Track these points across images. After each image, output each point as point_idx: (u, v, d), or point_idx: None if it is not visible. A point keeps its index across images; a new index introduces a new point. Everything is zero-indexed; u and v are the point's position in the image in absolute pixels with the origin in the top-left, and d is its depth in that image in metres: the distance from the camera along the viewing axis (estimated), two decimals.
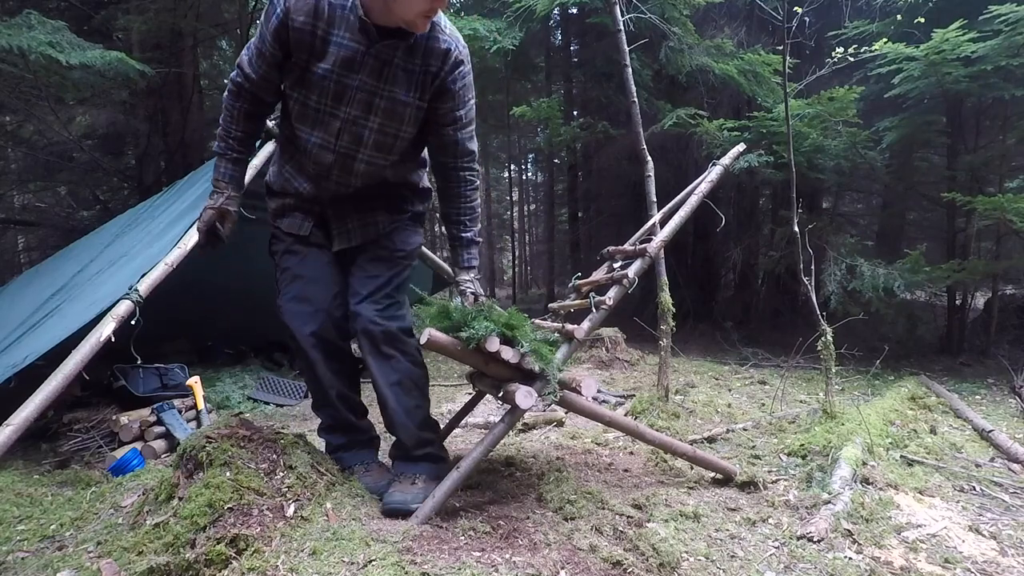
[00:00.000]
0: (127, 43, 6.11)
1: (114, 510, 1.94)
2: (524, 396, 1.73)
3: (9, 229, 8.16)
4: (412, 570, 1.35)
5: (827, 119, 5.57)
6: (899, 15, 4.80)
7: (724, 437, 2.77)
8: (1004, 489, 2.20)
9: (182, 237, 2.04)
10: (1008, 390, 4.13)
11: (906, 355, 5.53)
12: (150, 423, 2.70)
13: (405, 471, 1.81)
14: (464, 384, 4.10)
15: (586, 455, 2.48)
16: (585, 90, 8.99)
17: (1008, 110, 5.38)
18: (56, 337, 2.09)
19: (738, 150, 2.59)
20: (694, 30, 6.24)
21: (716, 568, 1.54)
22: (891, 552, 1.64)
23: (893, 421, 2.98)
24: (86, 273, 2.79)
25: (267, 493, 1.55)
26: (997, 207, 4.56)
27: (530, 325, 1.83)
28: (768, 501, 1.97)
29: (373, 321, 1.75)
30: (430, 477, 1.78)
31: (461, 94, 1.75)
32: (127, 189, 7.28)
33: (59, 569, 1.51)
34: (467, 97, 1.77)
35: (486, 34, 6.32)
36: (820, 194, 7.84)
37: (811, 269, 3.07)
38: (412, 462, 1.83)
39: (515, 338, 1.76)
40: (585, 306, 2.05)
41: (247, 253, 3.67)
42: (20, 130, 6.99)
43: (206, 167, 3.06)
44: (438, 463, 1.87)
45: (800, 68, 5.23)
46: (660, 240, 2.20)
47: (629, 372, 4.78)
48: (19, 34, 3.73)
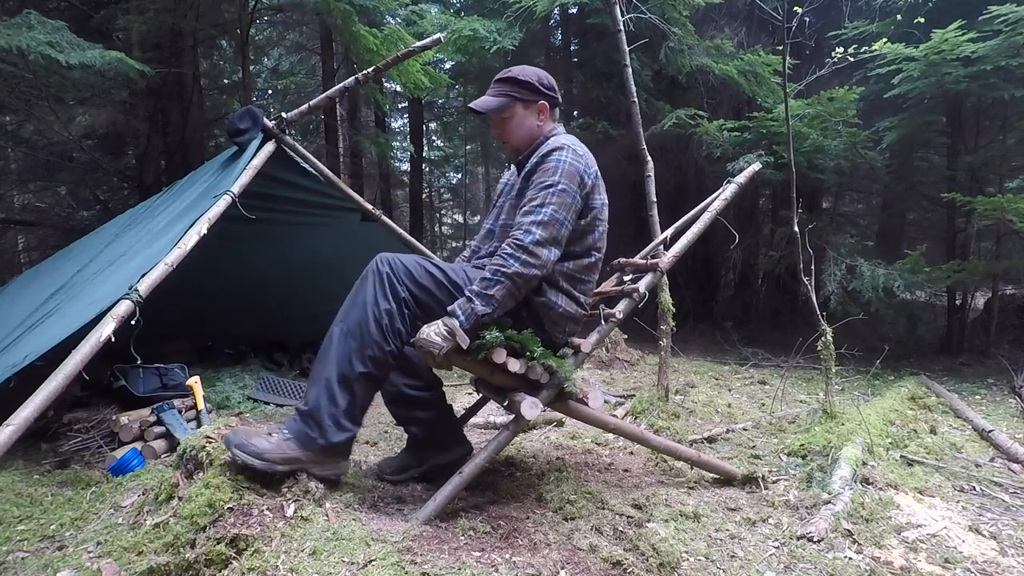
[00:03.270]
0: (127, 43, 6.10)
1: (114, 510, 1.94)
2: (530, 407, 1.73)
3: (9, 229, 8.15)
4: (412, 570, 1.35)
5: (827, 119, 5.57)
6: (899, 15, 4.79)
7: (724, 437, 2.77)
8: (1004, 489, 2.20)
9: (182, 237, 2.04)
10: (1008, 390, 4.13)
11: (906, 355, 5.53)
12: (150, 423, 2.69)
13: (282, 424, 1.71)
14: (464, 384, 4.10)
15: (586, 455, 2.48)
16: (585, 90, 8.99)
17: (1008, 110, 5.38)
18: (56, 337, 2.08)
19: (753, 168, 2.59)
20: (694, 30, 6.24)
21: (716, 568, 1.54)
22: (891, 552, 1.64)
23: (893, 421, 2.98)
24: (86, 273, 2.79)
25: (267, 493, 1.55)
26: (997, 207, 4.56)
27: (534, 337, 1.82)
28: (768, 501, 1.97)
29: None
30: (294, 436, 1.63)
31: (536, 179, 1.83)
32: (127, 189, 7.27)
33: (59, 569, 1.51)
34: (540, 179, 1.82)
35: (486, 34, 6.32)
36: (820, 194, 7.84)
37: (811, 269, 3.07)
38: (291, 418, 1.70)
39: (524, 350, 1.76)
40: (594, 317, 2.05)
41: (247, 253, 3.69)
42: (20, 130, 6.97)
43: (206, 167, 3.06)
44: (309, 426, 1.64)
45: (800, 68, 5.23)
46: (672, 256, 2.21)
47: (629, 372, 4.78)
48: (19, 34, 3.72)
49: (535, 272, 1.73)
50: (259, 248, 3.67)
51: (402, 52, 2.71)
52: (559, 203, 1.77)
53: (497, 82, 1.99)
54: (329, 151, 8.26)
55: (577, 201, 1.82)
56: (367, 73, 2.61)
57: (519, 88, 1.95)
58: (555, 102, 2.01)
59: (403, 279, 1.73)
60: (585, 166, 1.86)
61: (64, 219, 7.66)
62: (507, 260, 1.71)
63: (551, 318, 1.88)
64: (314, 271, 3.87)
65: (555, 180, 1.79)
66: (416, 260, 1.78)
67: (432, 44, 2.78)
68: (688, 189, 7.42)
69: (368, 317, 1.67)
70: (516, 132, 1.98)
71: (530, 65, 2.07)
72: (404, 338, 1.74)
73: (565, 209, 1.78)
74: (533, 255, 1.72)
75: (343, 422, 1.66)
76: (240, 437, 1.60)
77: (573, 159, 1.82)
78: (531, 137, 1.97)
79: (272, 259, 3.82)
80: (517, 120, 1.96)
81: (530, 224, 1.74)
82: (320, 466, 1.66)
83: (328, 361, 1.67)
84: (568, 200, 1.79)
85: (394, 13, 6.77)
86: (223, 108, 8.04)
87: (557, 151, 1.83)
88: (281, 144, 2.58)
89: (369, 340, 1.67)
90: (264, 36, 8.84)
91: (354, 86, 2.68)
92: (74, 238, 4.48)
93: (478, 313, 1.68)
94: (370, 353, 1.66)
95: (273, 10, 7.28)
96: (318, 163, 2.82)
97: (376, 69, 2.65)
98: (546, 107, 1.98)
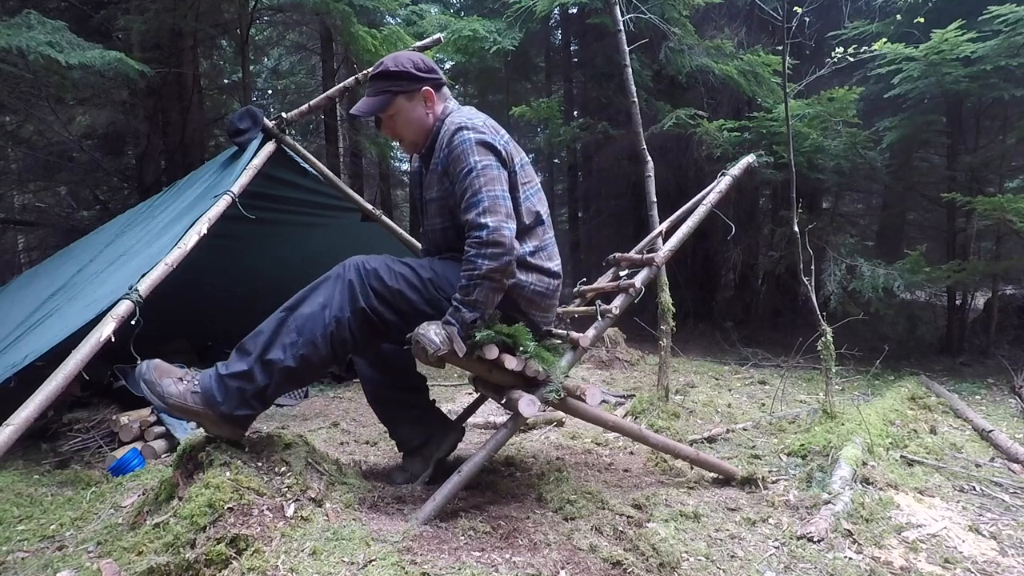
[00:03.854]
0: (127, 43, 6.10)
1: (114, 510, 1.94)
2: (527, 404, 1.73)
3: (9, 229, 8.16)
4: (412, 570, 1.35)
5: (827, 119, 5.57)
6: (899, 15, 4.79)
7: (724, 437, 2.77)
8: (1004, 489, 2.20)
9: (182, 237, 2.04)
10: (1008, 390, 4.13)
11: (906, 355, 5.53)
12: (150, 423, 2.70)
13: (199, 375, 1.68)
14: (464, 384, 4.10)
15: (586, 455, 2.48)
16: (585, 90, 9.00)
17: (1008, 110, 5.38)
18: (56, 337, 2.09)
19: (748, 160, 2.58)
20: (694, 30, 6.24)
21: (716, 568, 1.54)
22: (891, 552, 1.64)
23: (893, 421, 2.97)
24: (86, 273, 2.79)
25: (267, 493, 1.55)
26: (997, 207, 4.56)
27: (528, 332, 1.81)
28: (768, 501, 1.97)
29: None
30: (201, 391, 1.60)
31: (454, 170, 1.76)
32: (127, 189, 7.27)
33: (59, 569, 1.51)
34: (458, 169, 1.74)
35: (486, 34, 6.32)
36: (820, 194, 7.84)
37: (811, 269, 3.07)
38: (208, 373, 1.67)
39: (516, 345, 1.76)
40: (590, 313, 2.05)
41: (247, 253, 3.69)
42: (20, 130, 6.98)
43: (206, 167, 3.06)
44: (218, 390, 1.61)
45: (800, 68, 5.23)
46: (668, 250, 2.20)
47: (629, 372, 4.78)
48: (19, 34, 3.73)
49: (506, 259, 1.69)
50: (259, 248, 3.67)
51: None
52: (488, 180, 1.71)
53: (372, 80, 1.88)
54: (329, 151, 8.26)
55: (502, 171, 1.76)
56: (367, 73, 2.60)
57: (396, 81, 1.83)
58: (438, 83, 1.89)
59: (370, 288, 1.69)
60: (492, 136, 1.78)
61: (64, 219, 7.67)
62: (475, 262, 1.67)
63: (525, 298, 1.85)
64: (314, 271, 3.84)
65: (472, 162, 1.72)
66: (386, 263, 1.74)
67: (432, 44, 2.78)
68: (688, 189, 7.40)
69: (317, 319, 1.65)
70: (407, 128, 1.88)
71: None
72: (349, 347, 1.72)
73: (497, 183, 1.72)
74: (496, 244, 1.67)
75: (251, 400, 1.64)
76: (153, 374, 1.61)
77: (477, 134, 1.74)
78: (424, 127, 1.87)
79: (272, 259, 3.82)
80: (404, 115, 1.86)
81: (475, 217, 1.69)
82: (215, 427, 1.65)
83: (261, 339, 1.65)
84: (494, 173, 1.73)
85: (394, 13, 6.77)
86: (223, 108, 8.04)
87: (458, 132, 1.75)
88: (281, 144, 2.58)
89: (308, 339, 1.64)
90: (264, 36, 8.84)
91: (354, 86, 2.68)
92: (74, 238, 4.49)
93: (468, 320, 1.68)
94: (303, 352, 1.63)
95: (273, 10, 7.28)
96: (318, 163, 2.82)
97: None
98: (430, 92, 1.86)
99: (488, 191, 1.70)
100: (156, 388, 1.59)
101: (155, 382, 1.60)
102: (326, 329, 1.65)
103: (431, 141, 1.87)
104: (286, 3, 6.86)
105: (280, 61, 10.30)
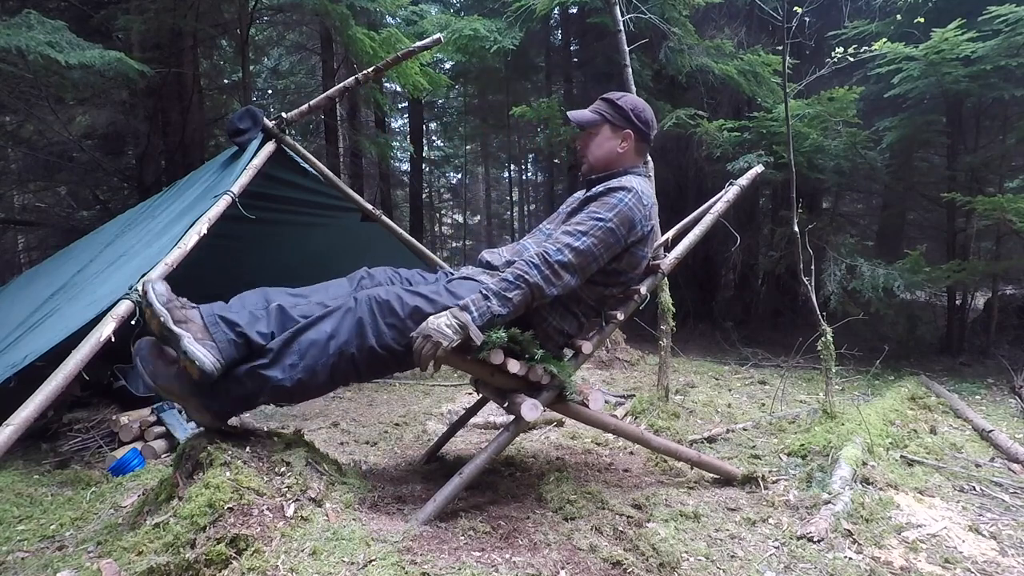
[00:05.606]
0: (127, 43, 6.10)
1: (114, 510, 1.94)
2: (530, 408, 1.73)
3: (9, 229, 8.15)
4: (412, 570, 1.35)
5: (827, 119, 5.57)
6: (899, 15, 4.79)
7: (724, 437, 2.77)
8: (1004, 489, 2.20)
9: (182, 237, 2.04)
10: (1008, 390, 4.13)
11: (906, 355, 5.53)
12: (150, 423, 2.70)
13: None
14: (464, 384, 4.10)
15: (586, 455, 2.48)
16: (585, 90, 8.98)
17: (1008, 110, 5.38)
18: (56, 337, 2.08)
19: (755, 171, 2.59)
20: (694, 30, 6.23)
21: (716, 568, 1.54)
22: (891, 552, 1.64)
23: (893, 421, 2.98)
24: (86, 273, 2.79)
25: (267, 493, 1.55)
26: (997, 207, 4.56)
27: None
28: (768, 501, 1.97)
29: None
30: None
31: (593, 207, 1.85)
32: (127, 189, 7.27)
33: (59, 569, 1.51)
34: (595, 207, 1.84)
35: (486, 34, 6.32)
36: (820, 194, 7.84)
37: (811, 269, 3.07)
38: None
39: (523, 352, 1.76)
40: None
41: (247, 253, 3.68)
42: (20, 130, 6.97)
43: (206, 167, 3.06)
44: (209, 389, 1.62)
45: (800, 68, 5.23)
46: (673, 258, 2.22)
47: (629, 372, 4.78)
48: (18, 34, 3.72)
49: (553, 291, 1.75)
50: (259, 248, 3.67)
51: (402, 52, 2.71)
52: (601, 239, 1.79)
53: (599, 99, 2.05)
54: (329, 151, 8.26)
55: (620, 244, 1.84)
56: (367, 73, 2.61)
57: (613, 111, 2.00)
58: (644, 136, 2.02)
59: (384, 325, 1.68)
60: (643, 216, 1.87)
61: (64, 219, 7.66)
62: (532, 269, 1.72)
63: (543, 330, 1.88)
64: (314, 271, 3.85)
65: (608, 217, 1.81)
66: (399, 295, 1.72)
67: (432, 44, 2.78)
68: (688, 189, 7.43)
69: (321, 348, 1.64)
70: (595, 150, 2.02)
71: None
72: (354, 379, 1.75)
73: (605, 248, 1.81)
74: (557, 275, 1.73)
75: (236, 400, 1.67)
76: (148, 351, 1.63)
77: (635, 204, 1.84)
78: (607, 160, 2.00)
79: (272, 259, 3.82)
80: (600, 139, 2.01)
81: (565, 245, 1.76)
82: (197, 413, 1.68)
83: (268, 352, 1.65)
84: (611, 240, 1.81)
85: (394, 14, 6.77)
86: (223, 108, 8.03)
87: (624, 191, 1.85)
88: (281, 144, 2.57)
89: (308, 365, 1.63)
90: (264, 36, 8.83)
91: (354, 86, 2.68)
92: (74, 238, 4.48)
93: (493, 312, 1.67)
94: (300, 376, 1.63)
95: (273, 10, 7.28)
96: (318, 163, 2.82)
97: (376, 69, 2.65)
98: (631, 136, 1.99)
99: (593, 244, 1.79)
100: (148, 368, 1.61)
101: (148, 360, 1.61)
102: (328, 359, 1.65)
103: (606, 176, 1.98)
104: (286, 3, 6.86)
105: (280, 61, 10.30)
